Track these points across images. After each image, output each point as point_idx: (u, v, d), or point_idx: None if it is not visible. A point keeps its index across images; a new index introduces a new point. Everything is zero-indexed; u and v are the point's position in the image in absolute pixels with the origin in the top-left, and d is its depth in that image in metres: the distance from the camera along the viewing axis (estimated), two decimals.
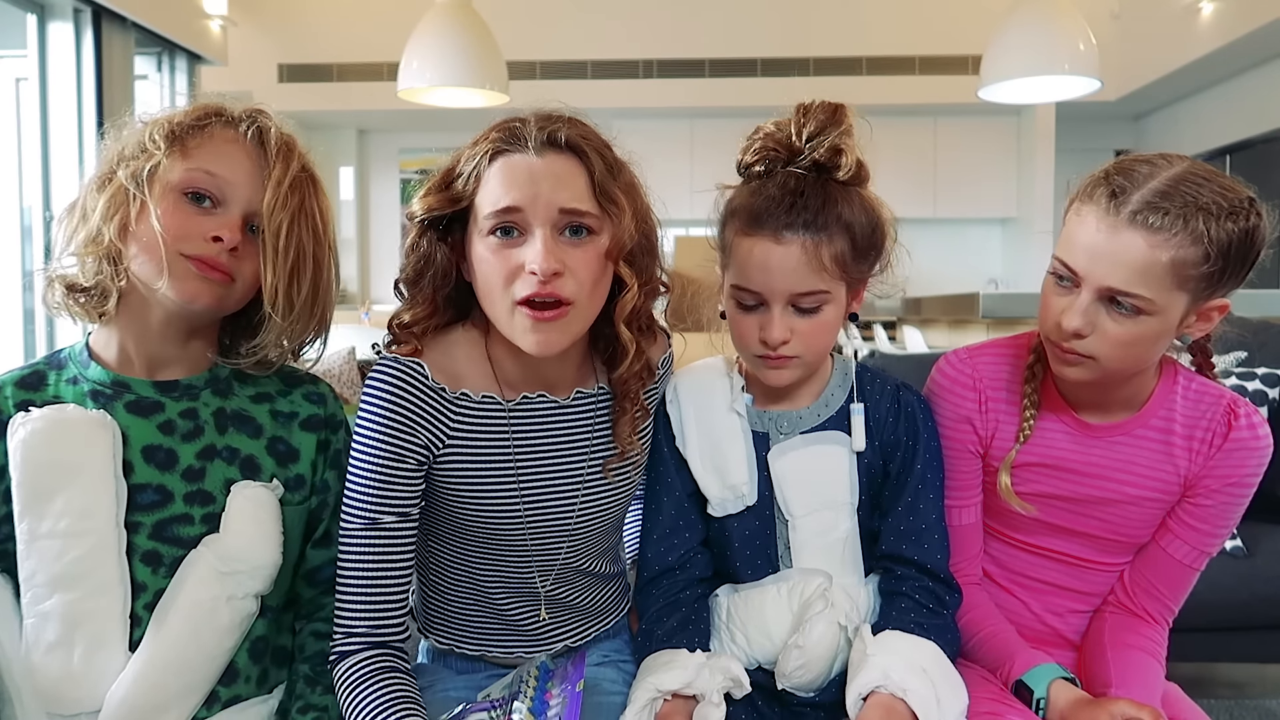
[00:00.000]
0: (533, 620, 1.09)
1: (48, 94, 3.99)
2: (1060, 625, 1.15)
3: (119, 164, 0.95)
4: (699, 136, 6.69)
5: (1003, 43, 3.47)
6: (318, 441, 1.06)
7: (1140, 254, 0.91)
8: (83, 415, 0.93)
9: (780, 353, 1.02)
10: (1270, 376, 1.92)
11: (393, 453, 0.97)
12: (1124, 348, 0.96)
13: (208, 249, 0.94)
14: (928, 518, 1.08)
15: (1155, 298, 0.92)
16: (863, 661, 0.98)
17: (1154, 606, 1.10)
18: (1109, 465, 1.07)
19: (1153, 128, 7.09)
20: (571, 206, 0.94)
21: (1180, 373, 1.08)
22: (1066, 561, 1.13)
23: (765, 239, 1.00)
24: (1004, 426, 1.10)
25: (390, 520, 0.98)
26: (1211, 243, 0.90)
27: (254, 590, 0.98)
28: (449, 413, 1.00)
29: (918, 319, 4.38)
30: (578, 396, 1.07)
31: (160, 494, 0.96)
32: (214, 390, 1.02)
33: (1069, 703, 0.98)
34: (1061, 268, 0.98)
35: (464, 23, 3.68)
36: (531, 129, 0.96)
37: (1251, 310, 2.73)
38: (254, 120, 0.99)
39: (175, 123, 0.96)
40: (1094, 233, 0.94)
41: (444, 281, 1.01)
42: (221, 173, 0.95)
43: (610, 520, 1.12)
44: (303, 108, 6.54)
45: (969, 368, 1.12)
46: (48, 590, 0.90)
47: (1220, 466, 1.04)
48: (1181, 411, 1.06)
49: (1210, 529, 1.07)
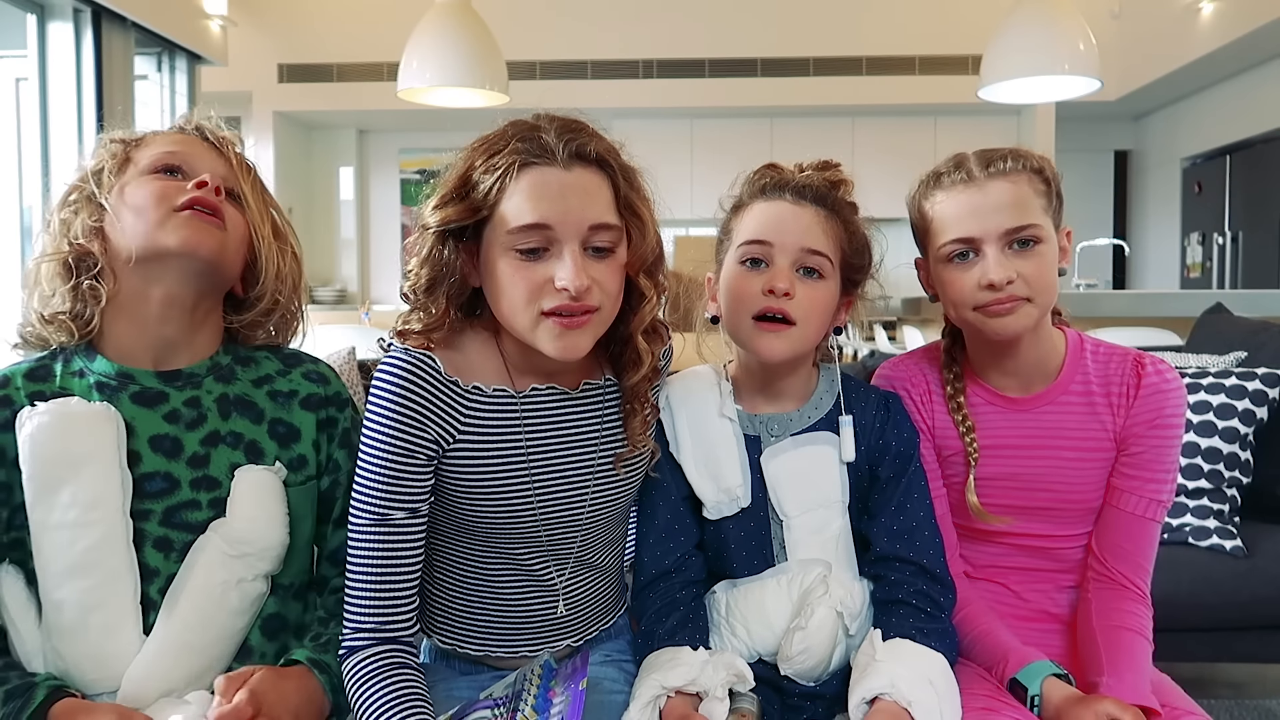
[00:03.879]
0: (549, 614, 1.09)
1: (48, 94, 3.99)
2: (1046, 603, 1.19)
3: (72, 201, 1.01)
4: (699, 136, 6.69)
5: (1003, 43, 3.47)
6: (318, 420, 1.07)
7: (1010, 191, 1.07)
8: (86, 408, 0.95)
9: (783, 307, 1.04)
10: (1270, 376, 1.92)
11: (403, 448, 0.97)
12: (1042, 277, 1.07)
13: (195, 194, 0.98)
14: (917, 516, 1.10)
15: (1039, 222, 1.07)
16: (870, 665, 0.99)
17: (1127, 568, 1.13)
18: (1042, 434, 1.14)
19: (1153, 128, 7.09)
20: (601, 221, 0.95)
21: (1084, 339, 1.18)
22: (1030, 546, 1.18)
23: (782, 201, 1.08)
24: (939, 416, 1.18)
25: (400, 516, 0.98)
26: (1045, 171, 1.09)
27: (263, 571, 1.00)
28: (461, 406, 1.00)
29: (917, 319, 4.38)
30: (586, 387, 1.08)
31: (168, 481, 0.98)
32: (216, 377, 1.04)
33: (1062, 699, 1.01)
34: (957, 244, 1.09)
35: (464, 23, 3.68)
36: (557, 140, 0.95)
37: (1251, 310, 2.73)
38: (190, 124, 1.07)
39: (122, 139, 1.04)
40: (966, 199, 1.08)
41: (459, 290, 1.01)
42: (183, 150, 1.02)
43: (619, 511, 1.12)
44: (303, 108, 6.54)
45: (901, 368, 1.23)
46: (61, 579, 0.93)
47: (1142, 413, 1.12)
48: (1095, 374, 1.15)
49: (1151, 475, 1.12)
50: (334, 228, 7.23)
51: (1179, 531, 1.86)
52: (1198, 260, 6.46)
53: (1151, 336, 2.98)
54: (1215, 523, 1.86)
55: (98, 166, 1.02)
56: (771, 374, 1.13)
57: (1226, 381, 1.93)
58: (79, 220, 0.99)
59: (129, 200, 0.98)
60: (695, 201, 6.58)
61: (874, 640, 1.02)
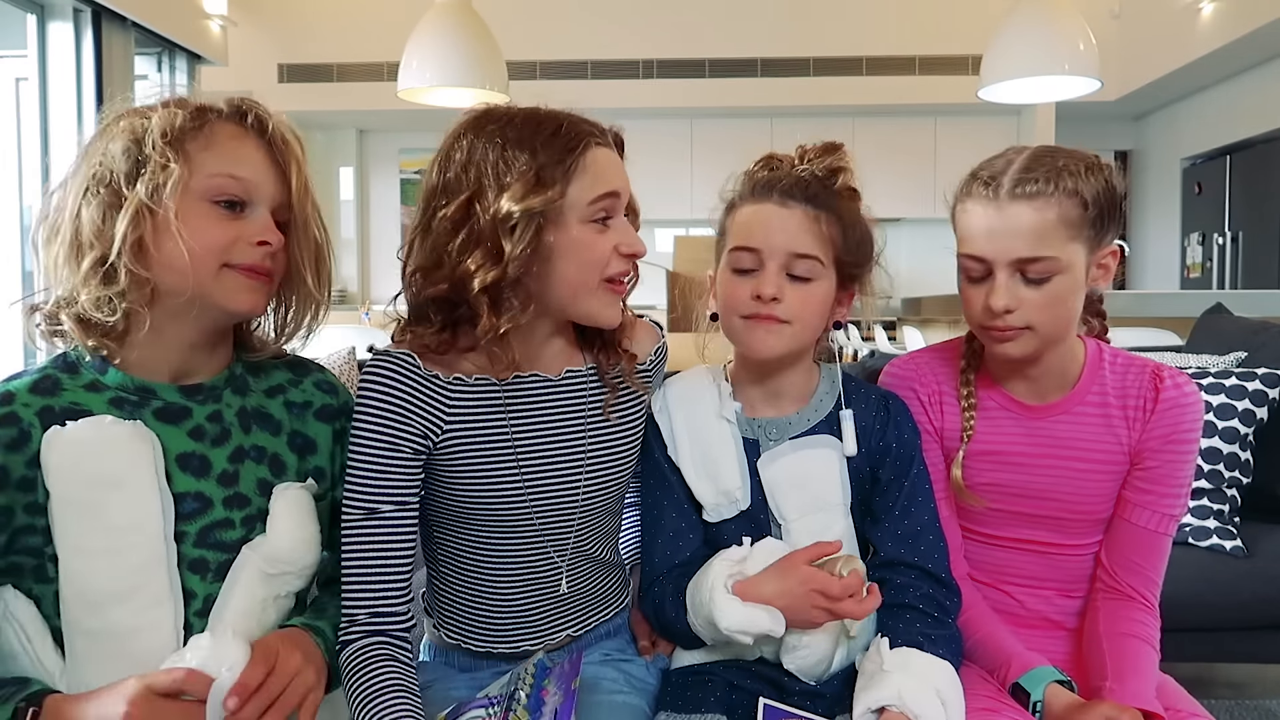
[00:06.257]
0: (552, 597, 1.10)
1: (48, 94, 3.99)
2: (1048, 610, 1.18)
3: (121, 181, 0.89)
4: (699, 136, 6.70)
5: (1003, 43, 3.47)
6: (334, 431, 1.07)
7: (1030, 219, 1.02)
8: (122, 429, 0.89)
9: (771, 311, 1.04)
10: (1270, 376, 1.92)
11: (389, 443, 0.99)
12: (1049, 309, 1.04)
13: (253, 254, 0.93)
14: (921, 520, 1.10)
15: (1058, 254, 1.02)
16: (877, 674, 0.98)
17: (1137, 581, 1.12)
18: (1055, 444, 1.13)
19: (1153, 128, 7.09)
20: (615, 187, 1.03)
21: (1104, 350, 1.16)
22: (1037, 551, 1.16)
23: (768, 203, 1.06)
24: (950, 418, 1.17)
25: (389, 509, 0.99)
26: (1084, 194, 1.02)
27: (296, 589, 0.99)
28: (444, 397, 1.02)
29: (917, 319, 4.39)
30: (568, 375, 1.09)
31: (200, 501, 0.94)
32: (233, 389, 1.01)
33: (1064, 706, 1.00)
34: (970, 261, 1.06)
35: (464, 23, 3.68)
36: (610, 128, 1.04)
37: (1251, 310, 2.73)
38: (251, 111, 0.96)
39: (175, 127, 0.90)
40: (985, 217, 1.04)
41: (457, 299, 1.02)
42: (245, 175, 0.93)
43: (613, 499, 1.13)
44: (303, 108, 6.54)
45: (913, 368, 1.20)
46: (98, 606, 0.88)
47: (1158, 427, 1.10)
48: (1112, 385, 1.13)
49: (1165, 490, 1.11)
50: (334, 228, 7.22)
51: (1179, 531, 1.86)
52: (1198, 260, 6.46)
53: (1151, 336, 2.98)
54: (1215, 523, 1.86)
55: (144, 158, 0.88)
56: (768, 370, 1.12)
57: (1226, 382, 1.93)
58: (122, 223, 0.88)
59: (186, 232, 0.88)
60: (695, 201, 6.60)
61: (880, 648, 1.01)
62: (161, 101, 0.95)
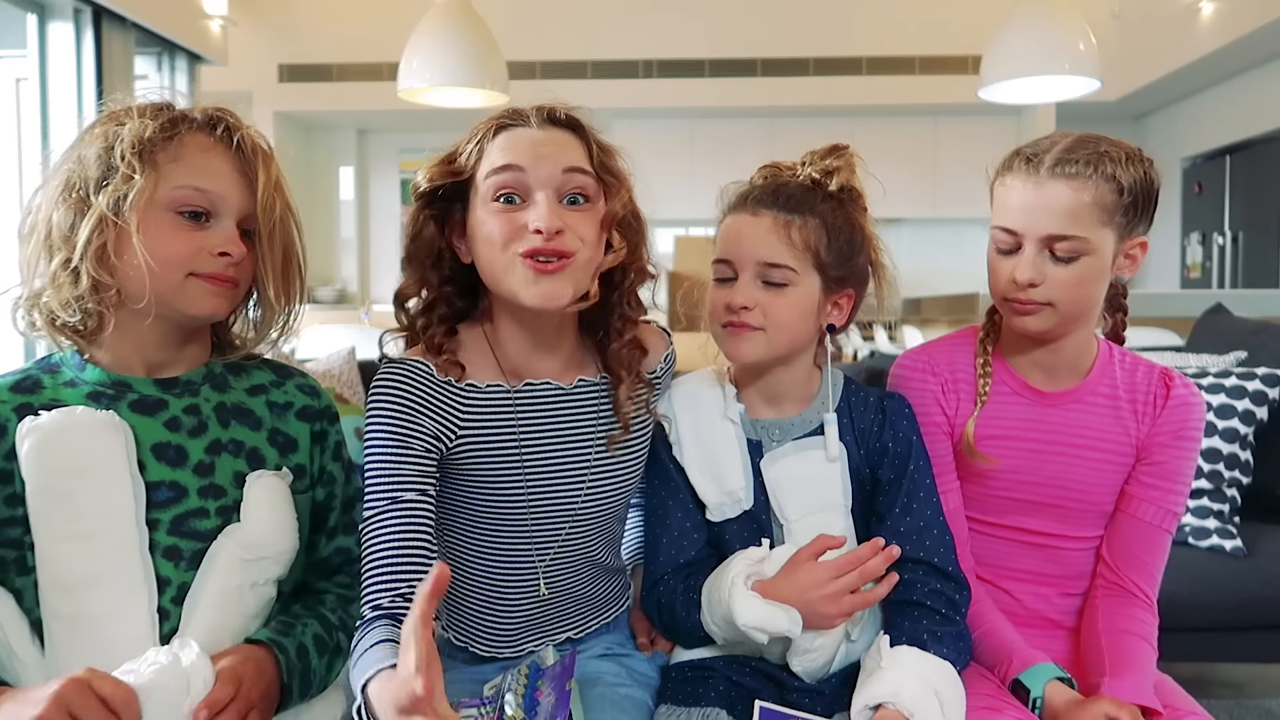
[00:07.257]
0: (532, 599, 1.10)
1: (48, 94, 3.99)
2: (1047, 609, 1.19)
3: (90, 188, 0.91)
4: (699, 136, 6.69)
5: (1003, 43, 3.47)
6: (312, 432, 1.07)
7: (1066, 198, 1.04)
8: (92, 416, 0.92)
9: (743, 320, 1.06)
10: (1270, 376, 1.92)
11: (403, 435, 0.99)
12: (1073, 289, 1.06)
13: (215, 264, 0.95)
14: (925, 515, 1.10)
15: (1089, 236, 1.04)
16: (875, 672, 0.99)
17: (1139, 576, 1.14)
18: (1066, 430, 1.15)
19: (1153, 128, 7.09)
20: (574, 165, 0.99)
21: (1114, 348, 1.20)
22: (1039, 544, 1.17)
23: (742, 214, 1.09)
24: (964, 405, 1.18)
25: (411, 496, 0.98)
26: (1122, 181, 1.04)
27: (275, 575, 1.00)
28: (457, 404, 1.03)
29: (918, 319, 4.39)
30: (580, 384, 1.09)
31: (174, 490, 0.96)
32: (212, 385, 1.03)
33: (1064, 703, 1.01)
34: (1002, 234, 1.09)
35: (464, 23, 3.68)
36: (530, 109, 1.02)
37: (1251, 310, 2.73)
38: (222, 122, 0.98)
39: (144, 139, 0.92)
40: (1022, 192, 1.06)
41: (437, 261, 1.05)
42: (211, 187, 0.95)
43: (616, 507, 1.13)
44: (303, 108, 6.55)
45: (926, 356, 1.22)
46: (73, 591, 0.89)
47: (1167, 423, 1.14)
48: (1122, 380, 1.16)
49: (1169, 485, 1.14)
50: (334, 228, 7.23)
51: (1179, 531, 1.86)
52: (1198, 260, 6.46)
53: (1151, 336, 2.97)
54: (1215, 523, 1.87)
55: (112, 167, 0.91)
56: (760, 374, 1.14)
57: (1226, 382, 1.93)
58: (85, 229, 0.90)
59: (148, 243, 0.90)
60: (695, 202, 6.60)
61: (881, 646, 1.02)
62: (139, 107, 0.97)
